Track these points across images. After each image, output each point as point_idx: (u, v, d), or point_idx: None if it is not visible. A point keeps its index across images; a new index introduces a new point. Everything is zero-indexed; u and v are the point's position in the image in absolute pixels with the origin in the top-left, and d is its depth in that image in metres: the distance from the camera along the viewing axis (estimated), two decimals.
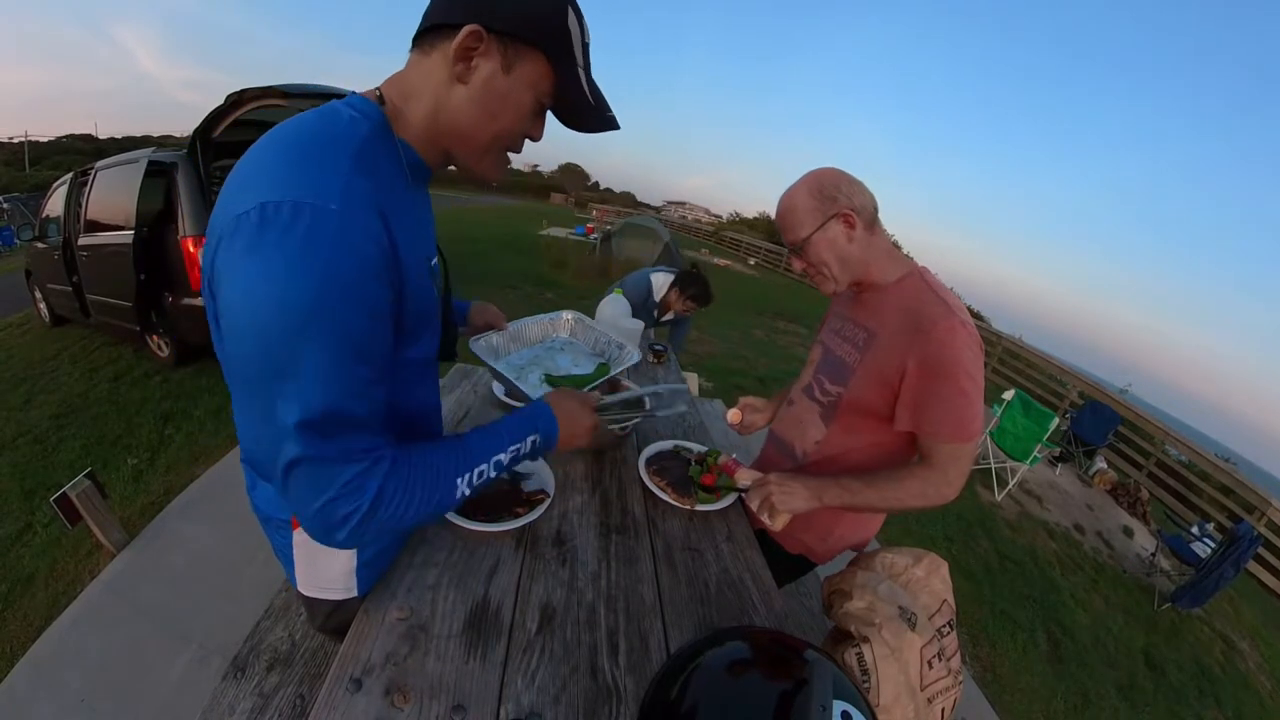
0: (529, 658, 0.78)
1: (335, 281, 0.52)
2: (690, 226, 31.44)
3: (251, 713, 1.02)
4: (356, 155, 0.57)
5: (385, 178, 0.61)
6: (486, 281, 7.82)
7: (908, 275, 1.06)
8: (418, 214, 0.71)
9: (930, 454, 1.01)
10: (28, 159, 38.41)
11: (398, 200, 0.63)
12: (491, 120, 0.65)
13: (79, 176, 4.23)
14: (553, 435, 0.82)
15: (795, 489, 1.05)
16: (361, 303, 0.55)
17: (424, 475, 0.65)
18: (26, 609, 1.93)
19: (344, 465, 0.57)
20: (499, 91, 0.63)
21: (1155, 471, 6.16)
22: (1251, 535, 3.63)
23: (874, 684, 0.85)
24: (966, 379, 0.95)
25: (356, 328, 0.55)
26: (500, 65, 0.62)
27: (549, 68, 0.65)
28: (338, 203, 0.52)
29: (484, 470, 0.72)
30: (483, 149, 0.68)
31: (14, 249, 10.41)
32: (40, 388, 3.62)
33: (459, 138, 0.67)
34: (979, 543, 3.68)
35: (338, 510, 0.58)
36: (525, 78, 0.64)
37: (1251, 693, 3.21)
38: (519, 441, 0.77)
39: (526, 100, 0.66)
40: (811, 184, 1.04)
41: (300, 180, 0.53)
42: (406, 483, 0.63)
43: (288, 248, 0.50)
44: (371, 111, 0.64)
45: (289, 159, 0.55)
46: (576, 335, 1.42)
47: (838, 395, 1.13)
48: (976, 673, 2.50)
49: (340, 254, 0.52)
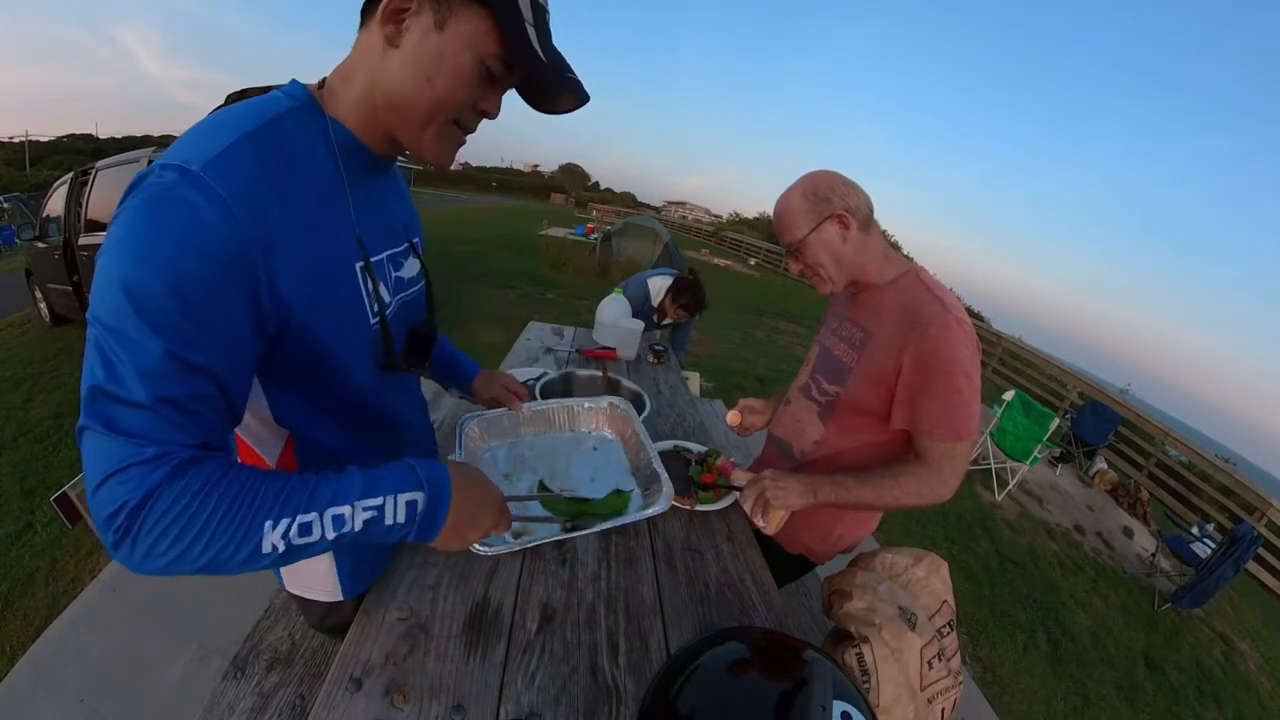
0: (529, 658, 0.78)
1: (163, 249, 0.47)
2: (690, 227, 31.44)
3: (251, 712, 1.02)
4: (255, 130, 0.54)
5: (300, 159, 0.58)
6: (486, 281, 7.82)
7: (904, 275, 1.07)
8: (359, 204, 0.65)
9: (925, 453, 1.01)
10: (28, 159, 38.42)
11: (315, 185, 0.59)
12: (427, 85, 0.59)
13: (79, 176, 4.23)
14: (442, 501, 0.62)
15: (789, 485, 1.05)
16: (190, 280, 0.47)
17: (225, 500, 0.49)
18: (26, 608, 1.93)
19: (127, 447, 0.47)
20: (432, 51, 0.58)
21: (1155, 472, 6.15)
22: (1252, 535, 3.63)
23: (874, 684, 0.85)
24: (962, 377, 0.95)
25: (182, 303, 0.47)
26: (433, 22, 0.57)
27: (491, 23, 0.58)
28: (199, 164, 0.48)
29: (312, 523, 0.53)
30: (422, 120, 0.61)
31: (14, 248, 10.41)
32: (41, 387, 3.63)
33: (395, 110, 0.61)
34: (979, 543, 3.68)
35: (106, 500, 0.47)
36: (462, 35, 0.58)
37: (1251, 693, 3.21)
38: (380, 496, 0.57)
39: (466, 61, 0.59)
40: (806, 186, 1.05)
41: (184, 146, 0.50)
42: (198, 498, 0.48)
43: (137, 205, 0.48)
44: (296, 91, 0.61)
45: (194, 131, 0.53)
46: (617, 431, 1.08)
47: (835, 395, 1.14)
48: (977, 673, 2.50)
49: (181, 218, 0.47)
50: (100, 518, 0.47)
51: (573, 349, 2.26)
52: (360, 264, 0.66)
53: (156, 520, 0.47)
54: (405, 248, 0.79)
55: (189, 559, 0.49)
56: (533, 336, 2.34)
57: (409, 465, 0.62)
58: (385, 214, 0.74)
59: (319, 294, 0.59)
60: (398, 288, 0.76)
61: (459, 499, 0.64)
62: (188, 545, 0.48)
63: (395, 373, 0.74)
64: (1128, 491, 5.53)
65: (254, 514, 0.51)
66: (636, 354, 2.28)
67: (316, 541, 0.54)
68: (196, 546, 0.48)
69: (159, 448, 0.48)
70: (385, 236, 0.73)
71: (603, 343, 2.29)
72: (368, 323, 0.67)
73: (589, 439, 1.04)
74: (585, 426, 1.06)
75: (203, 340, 0.49)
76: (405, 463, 0.62)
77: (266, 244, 0.52)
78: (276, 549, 0.52)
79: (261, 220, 0.51)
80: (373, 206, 0.70)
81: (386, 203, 0.74)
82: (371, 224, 0.69)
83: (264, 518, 0.51)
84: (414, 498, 0.59)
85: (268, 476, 0.54)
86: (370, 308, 0.67)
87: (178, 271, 0.47)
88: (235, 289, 0.51)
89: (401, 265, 0.77)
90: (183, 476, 0.48)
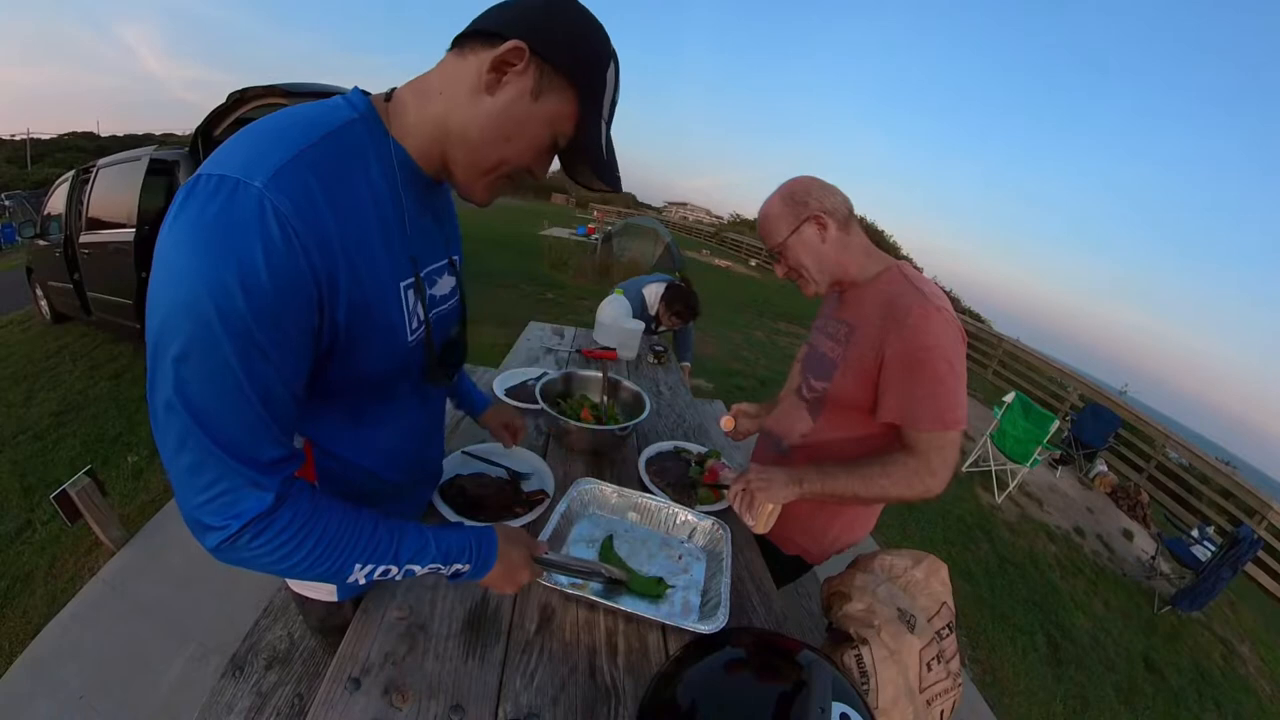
0: (528, 658, 0.78)
1: (232, 263, 0.46)
2: (691, 227, 31.42)
3: (250, 711, 1.02)
4: (318, 141, 0.53)
5: (358, 176, 0.57)
6: (486, 280, 7.82)
7: (885, 270, 1.08)
8: (412, 221, 0.66)
9: (912, 443, 0.99)
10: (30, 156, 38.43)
11: (371, 203, 0.59)
12: (504, 142, 0.62)
13: (81, 174, 4.23)
14: (482, 573, 0.72)
15: (774, 476, 1.03)
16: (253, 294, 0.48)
17: (319, 538, 0.57)
18: (26, 606, 1.93)
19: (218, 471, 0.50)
20: (520, 115, 0.61)
21: (1155, 474, 6.14)
22: (1252, 538, 3.63)
23: (873, 686, 0.84)
24: (943, 364, 0.94)
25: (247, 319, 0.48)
26: (531, 89, 0.60)
27: (575, 109, 0.62)
28: (262, 179, 0.47)
29: (390, 572, 0.64)
30: (485, 169, 0.65)
31: (15, 246, 10.42)
32: (41, 385, 3.63)
33: (465, 149, 0.63)
34: (979, 545, 3.67)
35: (204, 520, 0.52)
36: (550, 111, 0.61)
37: (1251, 696, 3.20)
38: (445, 564, 0.68)
39: (543, 134, 0.63)
40: (784, 192, 1.08)
41: (240, 157, 0.49)
42: (294, 533, 0.55)
43: (201, 218, 0.47)
44: (360, 103, 0.61)
45: (245, 139, 0.52)
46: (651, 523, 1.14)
47: (823, 390, 1.14)
48: (976, 675, 2.50)
49: (250, 234, 0.47)
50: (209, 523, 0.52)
51: (573, 349, 2.26)
52: (407, 282, 0.67)
53: (257, 555, 0.54)
54: (445, 264, 0.79)
55: (284, 571, 0.57)
56: (533, 336, 2.34)
57: (469, 544, 0.70)
58: (433, 231, 0.74)
59: (367, 311, 0.60)
60: (432, 304, 0.76)
61: (498, 570, 0.73)
62: (290, 565, 0.56)
63: (431, 384, 0.78)
64: (1128, 494, 5.53)
65: (349, 553, 0.60)
66: (637, 354, 2.28)
67: (390, 579, 0.65)
68: (299, 567, 0.57)
69: (265, 470, 0.53)
70: (431, 252, 0.74)
71: (603, 343, 2.29)
72: (405, 339, 0.68)
73: (680, 546, 1.10)
74: (681, 535, 1.12)
75: (278, 357, 0.51)
76: (465, 537, 0.71)
77: (325, 262, 0.53)
78: (358, 582, 0.63)
79: (320, 239, 0.52)
80: (426, 224, 0.71)
81: (436, 220, 0.75)
82: (422, 241, 0.70)
83: (355, 559, 0.60)
84: (464, 568, 0.70)
85: (359, 519, 0.62)
86: (409, 324, 0.68)
87: (251, 284, 0.47)
88: (299, 307, 0.52)
89: (436, 282, 0.77)
90: (293, 501, 0.55)
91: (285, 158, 0.50)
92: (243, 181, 0.47)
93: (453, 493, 1.05)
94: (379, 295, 0.62)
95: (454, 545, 0.69)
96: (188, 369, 0.48)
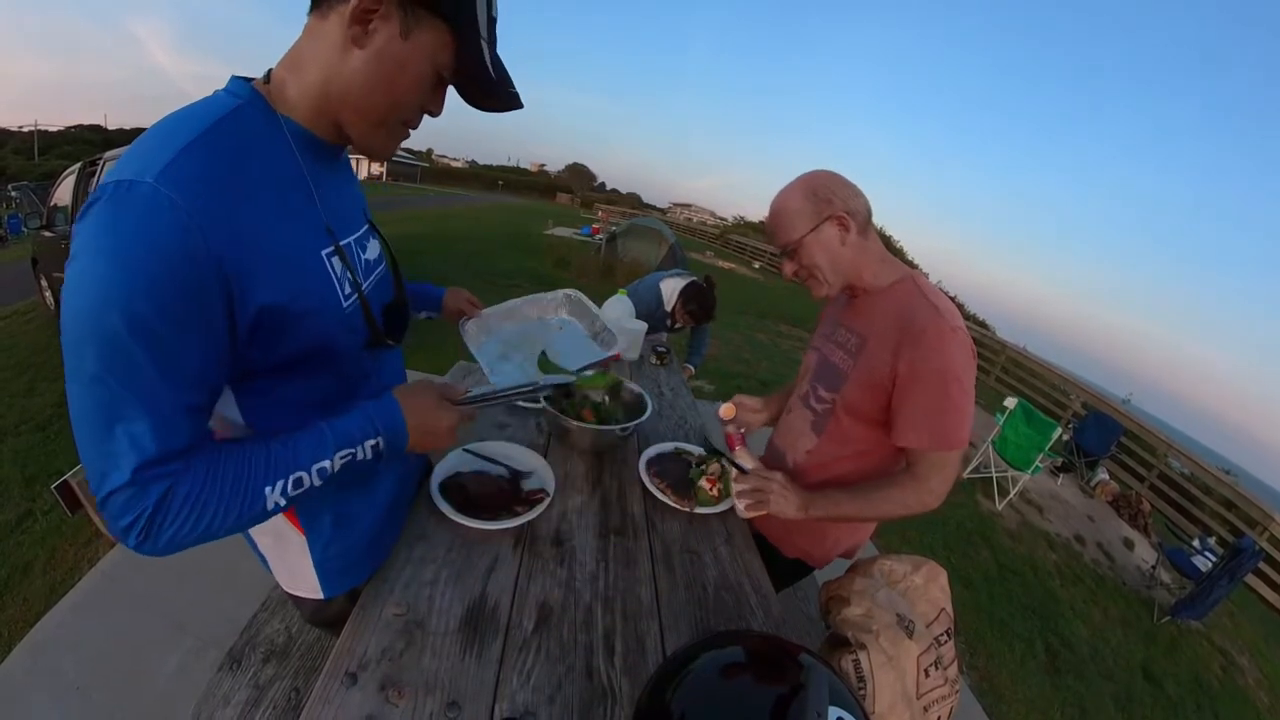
0: (525, 656, 0.78)
1: (127, 265, 0.48)
2: (695, 229, 31.42)
3: (246, 704, 1.02)
4: (205, 131, 0.54)
5: (254, 157, 0.58)
6: (489, 279, 7.83)
7: (900, 280, 1.06)
8: (321, 191, 0.66)
9: (915, 462, 1.01)
10: (37, 148, 38.61)
11: (273, 180, 0.59)
12: (388, 89, 0.62)
13: (87, 166, 4.24)
14: (400, 437, 0.71)
15: (790, 499, 1.04)
16: (161, 288, 0.49)
17: (222, 487, 0.57)
18: (25, 595, 1.93)
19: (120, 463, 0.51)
20: (396, 58, 0.60)
21: (1157, 484, 6.13)
22: (1254, 549, 3.62)
23: (870, 691, 0.84)
24: (955, 385, 0.94)
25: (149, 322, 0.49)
26: (399, 30, 0.59)
27: (450, 37, 0.62)
28: (153, 175, 0.49)
29: (303, 478, 0.62)
30: (377, 120, 0.65)
31: (21, 237, 10.45)
32: (44, 375, 3.64)
33: (352, 108, 0.63)
34: (979, 552, 3.66)
35: (118, 515, 0.52)
36: (424, 46, 0.61)
37: (1250, 708, 3.19)
38: (352, 446, 0.66)
39: (425, 70, 0.63)
40: (806, 186, 1.04)
41: (135, 162, 0.50)
42: (198, 494, 0.55)
43: (98, 225, 0.48)
44: (240, 90, 0.61)
45: (138, 145, 0.53)
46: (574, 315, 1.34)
47: (832, 401, 1.13)
48: (973, 682, 2.49)
49: (143, 234, 0.48)
50: (112, 528, 0.53)
51: None
52: (328, 250, 0.67)
53: (176, 529, 0.54)
54: (366, 229, 0.81)
55: (210, 534, 0.57)
56: None
57: (367, 416, 0.68)
58: (345, 199, 0.75)
59: (289, 286, 0.60)
60: (367, 270, 0.78)
61: (413, 425, 0.72)
62: (214, 531, 0.57)
63: (378, 350, 0.77)
64: (1129, 503, 5.50)
65: (254, 480, 0.59)
66: (639, 355, 2.28)
67: (307, 489, 0.63)
68: (214, 530, 0.57)
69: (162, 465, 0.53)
70: (349, 221, 0.75)
71: None
72: (340, 307, 0.68)
73: (553, 323, 1.31)
74: (548, 315, 1.33)
75: (182, 348, 0.52)
76: (362, 411, 0.69)
77: (230, 246, 0.53)
78: (279, 504, 0.61)
79: (221, 223, 0.52)
80: (334, 193, 0.70)
81: (344, 188, 0.75)
82: (335, 210, 0.70)
83: (263, 483, 0.59)
84: (376, 441, 0.68)
85: (250, 444, 0.61)
86: (341, 291, 0.68)
87: (148, 284, 0.48)
88: (204, 294, 0.52)
89: (366, 247, 0.79)
90: (183, 482, 0.54)
91: (173, 153, 0.51)
92: (136, 181, 0.48)
93: (453, 490, 1.06)
94: (299, 268, 0.62)
95: (352, 424, 0.67)
96: (98, 366, 0.49)
